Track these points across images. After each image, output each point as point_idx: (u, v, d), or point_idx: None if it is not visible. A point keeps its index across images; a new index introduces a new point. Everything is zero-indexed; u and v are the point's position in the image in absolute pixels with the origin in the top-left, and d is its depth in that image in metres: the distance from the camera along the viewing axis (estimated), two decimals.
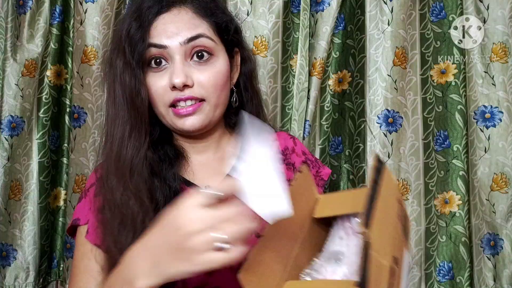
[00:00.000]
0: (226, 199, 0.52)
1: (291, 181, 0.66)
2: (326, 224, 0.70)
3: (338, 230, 0.67)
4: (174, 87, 0.71)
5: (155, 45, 0.71)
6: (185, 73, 0.71)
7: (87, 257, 0.74)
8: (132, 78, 0.70)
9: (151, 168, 0.72)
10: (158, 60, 0.72)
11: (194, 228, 0.50)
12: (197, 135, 0.79)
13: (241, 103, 0.82)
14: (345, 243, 0.63)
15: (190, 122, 0.73)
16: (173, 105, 0.73)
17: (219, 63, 0.74)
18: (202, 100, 0.73)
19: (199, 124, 0.74)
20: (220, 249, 0.49)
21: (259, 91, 0.88)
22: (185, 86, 0.71)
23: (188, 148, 0.80)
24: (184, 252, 0.50)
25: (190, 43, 0.71)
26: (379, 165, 0.63)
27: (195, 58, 0.73)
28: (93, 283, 0.72)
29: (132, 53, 0.70)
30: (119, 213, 0.69)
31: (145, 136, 0.71)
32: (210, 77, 0.73)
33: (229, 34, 0.78)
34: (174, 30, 0.72)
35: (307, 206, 0.69)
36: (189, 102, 0.72)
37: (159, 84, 0.72)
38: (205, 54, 0.73)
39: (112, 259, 0.70)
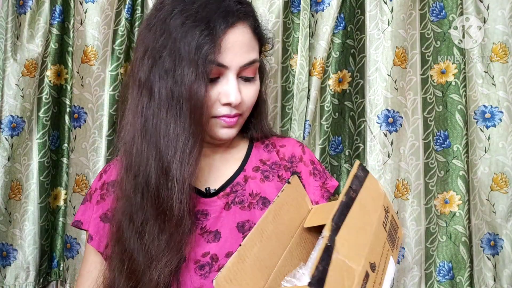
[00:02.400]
0: None
1: (279, 192, 0.66)
2: (319, 233, 0.69)
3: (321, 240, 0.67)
4: (227, 103, 0.72)
5: (218, 64, 0.70)
6: (239, 92, 0.72)
7: (90, 264, 0.76)
8: (206, 89, 0.68)
9: None
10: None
11: None
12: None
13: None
14: None
15: (228, 133, 0.76)
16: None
17: (257, 81, 0.77)
18: (240, 115, 0.76)
19: (233, 134, 0.77)
20: None
21: (266, 100, 0.90)
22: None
23: None
24: None
25: (246, 66, 0.73)
26: (360, 173, 0.63)
27: (242, 75, 0.74)
28: None
29: (204, 66, 0.68)
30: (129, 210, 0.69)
31: (199, 152, 0.70)
32: (252, 95, 0.76)
33: (264, 53, 0.81)
34: (237, 51, 0.71)
35: (298, 216, 0.68)
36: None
37: (208, 94, 0.71)
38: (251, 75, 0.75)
39: (112, 264, 0.71)
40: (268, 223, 0.62)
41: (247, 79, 0.75)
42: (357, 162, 0.65)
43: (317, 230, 0.68)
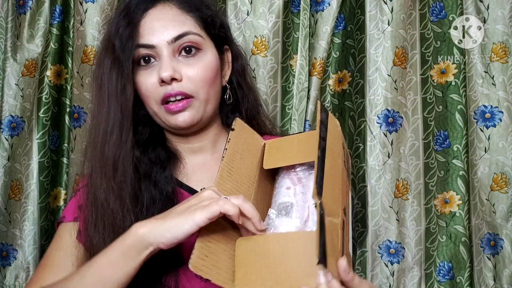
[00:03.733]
0: None
1: (225, 144, 0.66)
2: (272, 172, 0.69)
3: (284, 180, 0.67)
4: (162, 82, 0.71)
5: (143, 45, 0.72)
6: (173, 67, 0.71)
7: (67, 253, 0.73)
8: (119, 75, 0.70)
9: (139, 169, 0.72)
10: (146, 58, 0.73)
11: (209, 196, 0.58)
12: (192, 133, 0.78)
13: (237, 101, 0.82)
14: (292, 193, 0.64)
15: (182, 118, 0.73)
16: (165, 102, 0.73)
17: (208, 57, 0.75)
18: (191, 96, 0.73)
19: (190, 120, 0.74)
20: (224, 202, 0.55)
21: (255, 87, 0.88)
22: (174, 79, 0.71)
23: (183, 149, 0.79)
24: (188, 208, 0.57)
25: (177, 41, 0.72)
26: (324, 117, 0.63)
27: (183, 53, 0.73)
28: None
29: (122, 50, 0.71)
30: (100, 211, 0.69)
31: (127, 133, 0.71)
32: (198, 71, 0.73)
33: (216, 28, 0.78)
34: (160, 29, 0.72)
35: (255, 158, 0.68)
36: (179, 97, 0.72)
37: (148, 81, 0.72)
38: (193, 49, 0.73)
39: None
40: (226, 182, 0.62)
41: (188, 53, 0.73)
42: (318, 104, 0.64)
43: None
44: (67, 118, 1.15)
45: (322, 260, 0.48)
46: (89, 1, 1.10)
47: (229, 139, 0.66)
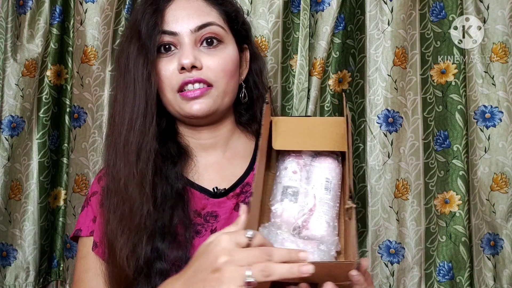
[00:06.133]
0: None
1: (263, 118, 0.67)
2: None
3: (291, 163, 0.69)
4: (182, 69, 0.71)
5: (167, 32, 0.72)
6: (194, 55, 0.71)
7: (96, 272, 0.73)
8: (145, 61, 0.70)
9: (156, 161, 0.71)
10: (167, 46, 0.73)
11: (228, 260, 0.51)
12: (204, 127, 0.77)
13: (251, 101, 0.82)
14: (298, 178, 0.67)
15: (198, 106, 0.72)
16: (181, 90, 0.73)
17: (229, 50, 0.75)
18: (210, 85, 0.73)
19: (207, 108, 0.73)
20: (248, 284, 0.50)
21: (262, 93, 0.88)
22: (194, 67, 0.71)
23: (195, 146, 0.78)
24: (214, 280, 0.52)
25: (201, 30, 0.73)
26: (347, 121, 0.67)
27: (204, 44, 0.73)
28: None
29: (148, 36, 0.71)
30: (118, 198, 0.69)
31: (151, 121, 0.70)
32: (219, 61, 0.73)
33: (238, 24, 0.79)
34: (184, 17, 0.73)
35: (265, 136, 0.69)
36: (197, 85, 0.72)
37: (168, 68, 0.73)
38: (214, 40, 0.74)
39: (110, 260, 0.70)
40: (260, 170, 0.64)
41: (210, 45, 0.73)
42: (344, 98, 0.68)
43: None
44: (67, 118, 1.15)
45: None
46: (89, 1, 1.10)
47: (264, 114, 0.67)
